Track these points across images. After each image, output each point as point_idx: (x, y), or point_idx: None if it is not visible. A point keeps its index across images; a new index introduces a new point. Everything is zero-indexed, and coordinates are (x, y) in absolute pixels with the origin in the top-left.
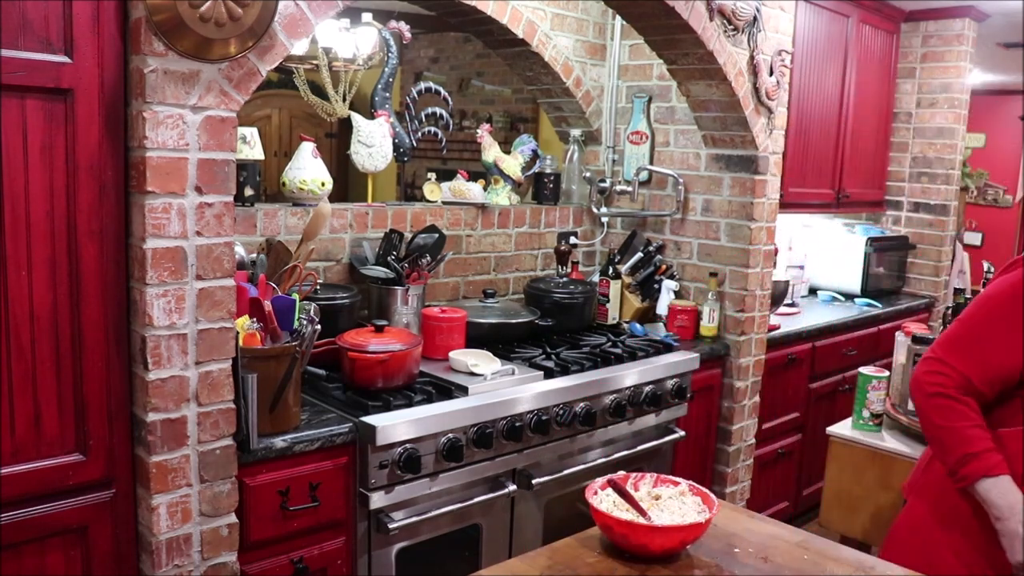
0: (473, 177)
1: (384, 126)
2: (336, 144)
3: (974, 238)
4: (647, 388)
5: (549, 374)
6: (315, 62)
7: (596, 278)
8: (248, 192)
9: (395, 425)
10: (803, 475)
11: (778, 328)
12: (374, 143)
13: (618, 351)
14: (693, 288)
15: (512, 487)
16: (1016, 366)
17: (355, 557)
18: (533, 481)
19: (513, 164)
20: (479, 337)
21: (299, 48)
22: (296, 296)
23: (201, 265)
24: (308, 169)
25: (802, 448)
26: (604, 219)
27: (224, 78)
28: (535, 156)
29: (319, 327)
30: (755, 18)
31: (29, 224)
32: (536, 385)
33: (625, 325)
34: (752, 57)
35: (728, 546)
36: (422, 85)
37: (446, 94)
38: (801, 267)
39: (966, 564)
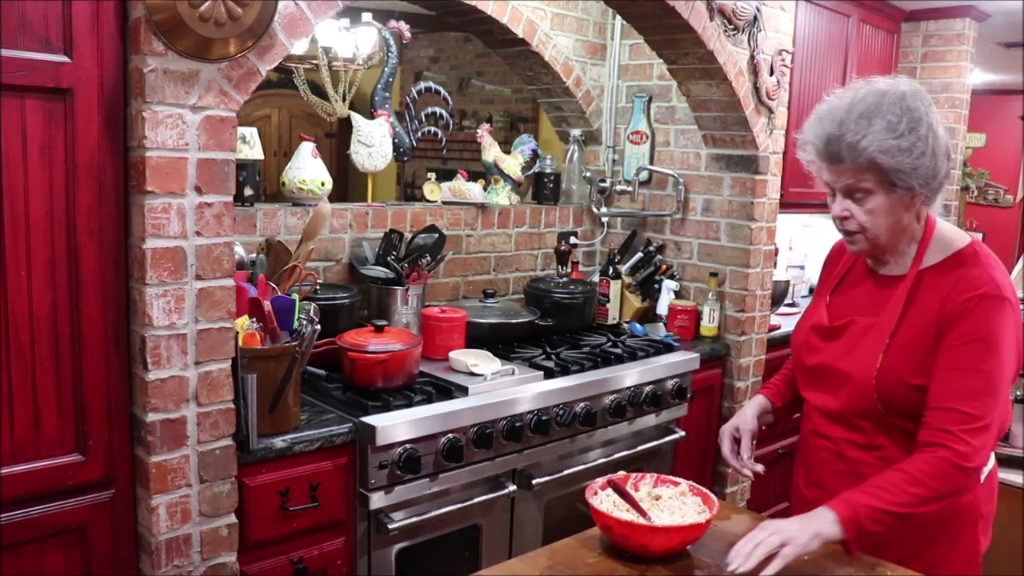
0: (473, 177)
1: (384, 126)
2: (336, 144)
3: None
4: (647, 388)
5: (549, 374)
6: (315, 62)
7: (596, 278)
8: (248, 192)
9: (395, 425)
10: None
11: (778, 328)
12: (374, 143)
13: (618, 351)
14: (693, 288)
15: (512, 487)
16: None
17: (355, 557)
18: (533, 481)
19: (513, 164)
20: (479, 337)
21: (299, 48)
22: (296, 296)
23: (201, 265)
24: (308, 169)
25: None
26: (604, 219)
27: (224, 78)
28: (535, 156)
29: (319, 327)
30: (755, 18)
31: (28, 224)
32: (536, 385)
33: (625, 325)
34: (752, 57)
35: (728, 546)
36: (422, 85)
37: (446, 94)
38: (801, 267)
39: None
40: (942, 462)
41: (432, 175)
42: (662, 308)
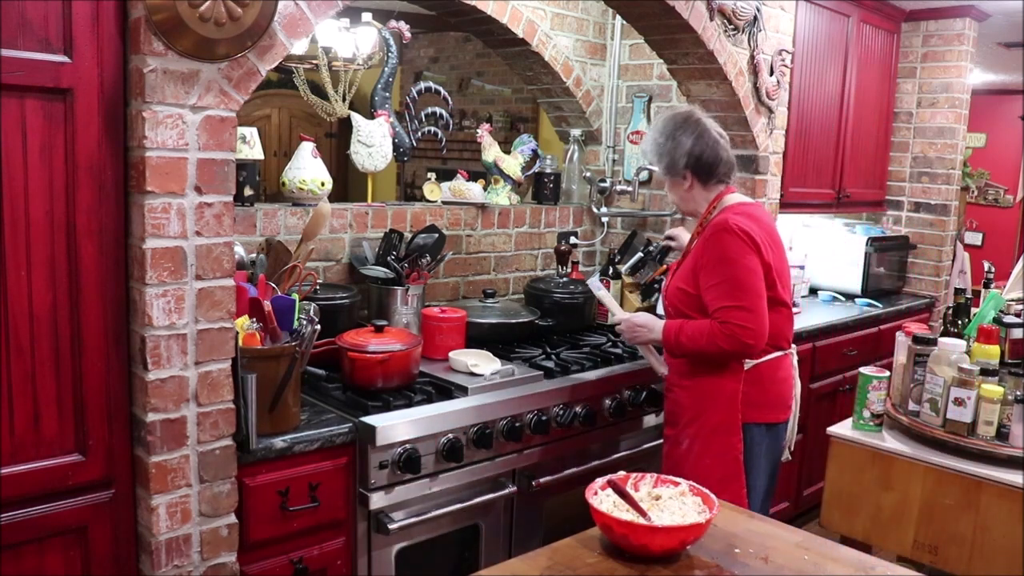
0: (473, 177)
1: (384, 126)
2: (336, 144)
3: (975, 238)
4: (647, 388)
5: (549, 374)
6: (315, 62)
7: (596, 278)
8: (248, 192)
9: (395, 425)
10: (803, 475)
11: None
12: (374, 143)
13: (618, 351)
14: None
15: (512, 487)
16: None
17: (355, 557)
18: (533, 481)
19: (513, 164)
20: (479, 337)
21: (299, 48)
22: (296, 296)
23: (201, 265)
24: (308, 169)
25: (802, 448)
26: (604, 219)
27: (223, 78)
28: (535, 156)
29: (319, 327)
30: (755, 18)
31: (28, 224)
32: (536, 385)
33: None
34: (752, 57)
35: (728, 546)
36: (422, 85)
37: (446, 94)
38: (801, 267)
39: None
40: (728, 328)
41: (432, 175)
42: (662, 308)
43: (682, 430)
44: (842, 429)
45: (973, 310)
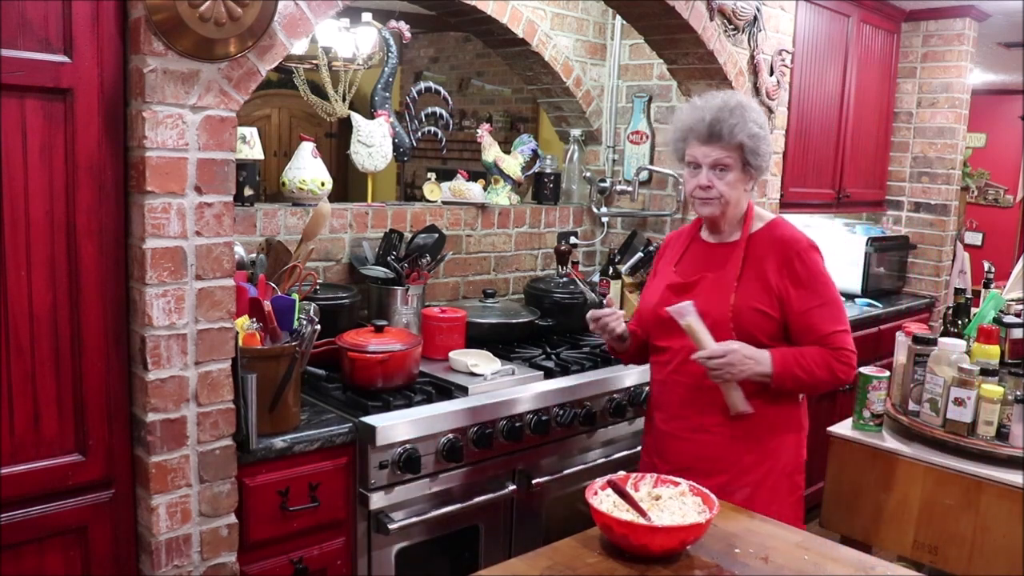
0: (473, 177)
1: (384, 126)
2: (336, 144)
3: (975, 238)
4: (647, 388)
5: (549, 374)
6: (315, 62)
7: (596, 278)
8: (248, 192)
9: (395, 425)
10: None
11: None
12: (374, 143)
13: None
14: None
15: (512, 487)
16: None
17: (355, 557)
18: (533, 481)
19: (513, 164)
20: (479, 337)
21: (299, 48)
22: (296, 296)
23: (201, 265)
24: (308, 169)
25: None
26: (604, 219)
27: (224, 78)
28: (535, 156)
29: (319, 327)
30: (755, 18)
31: (28, 224)
32: (536, 385)
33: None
34: (752, 57)
35: (728, 546)
36: (422, 85)
37: (446, 94)
38: None
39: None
40: (843, 355)
41: (432, 175)
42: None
43: (737, 478)
44: (842, 429)
45: (973, 310)
